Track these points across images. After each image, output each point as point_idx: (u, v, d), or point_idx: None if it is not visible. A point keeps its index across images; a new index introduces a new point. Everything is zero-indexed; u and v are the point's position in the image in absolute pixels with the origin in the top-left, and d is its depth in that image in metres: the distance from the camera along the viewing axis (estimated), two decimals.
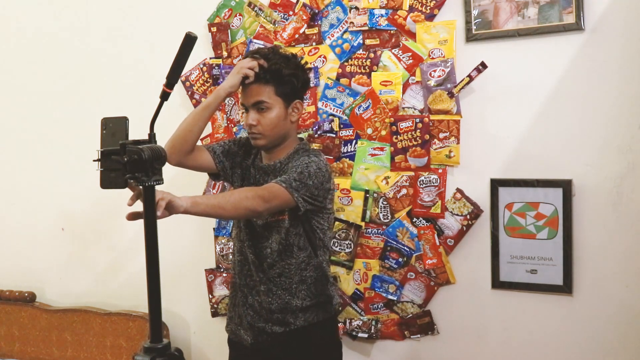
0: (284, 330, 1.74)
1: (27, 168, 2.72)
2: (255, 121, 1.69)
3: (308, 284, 1.75)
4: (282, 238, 1.71)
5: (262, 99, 1.68)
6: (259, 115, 1.69)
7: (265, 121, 1.69)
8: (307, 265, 1.75)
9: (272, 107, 1.69)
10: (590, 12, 1.79)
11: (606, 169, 1.82)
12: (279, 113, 1.70)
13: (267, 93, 1.68)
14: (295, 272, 1.73)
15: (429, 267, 2.03)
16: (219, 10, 2.28)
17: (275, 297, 1.74)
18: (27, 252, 2.76)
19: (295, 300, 1.73)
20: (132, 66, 2.46)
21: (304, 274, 1.74)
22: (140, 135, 1.34)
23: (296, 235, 1.72)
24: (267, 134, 1.70)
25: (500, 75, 1.91)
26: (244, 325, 1.80)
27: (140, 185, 1.23)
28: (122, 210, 2.57)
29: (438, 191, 1.99)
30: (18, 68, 2.71)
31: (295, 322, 1.74)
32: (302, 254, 1.73)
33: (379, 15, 2.03)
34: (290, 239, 1.71)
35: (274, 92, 1.69)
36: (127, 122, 1.30)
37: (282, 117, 1.71)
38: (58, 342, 2.58)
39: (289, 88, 1.70)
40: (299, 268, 1.74)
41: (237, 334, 1.84)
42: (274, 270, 1.73)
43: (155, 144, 1.27)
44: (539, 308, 1.93)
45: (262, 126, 1.69)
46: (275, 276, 1.74)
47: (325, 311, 1.79)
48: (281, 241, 1.71)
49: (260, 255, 1.75)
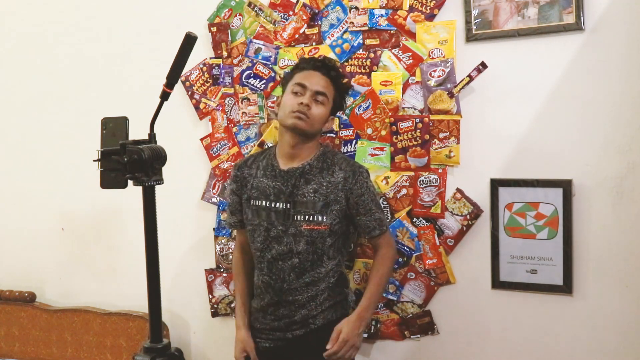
0: (304, 332, 1.78)
1: (27, 168, 2.72)
2: (310, 104, 1.76)
3: (331, 287, 1.80)
4: (318, 247, 1.75)
5: (325, 92, 1.79)
6: (314, 103, 1.77)
7: (316, 111, 1.77)
8: (335, 273, 1.81)
9: (325, 105, 1.80)
10: (590, 12, 1.79)
11: (606, 169, 1.82)
12: (325, 113, 1.81)
13: (330, 90, 1.81)
14: (323, 280, 1.78)
15: (429, 267, 2.03)
16: (219, 10, 2.28)
17: (300, 306, 1.78)
18: (27, 252, 2.76)
19: (316, 305, 1.78)
20: (132, 66, 2.46)
21: (330, 281, 1.80)
22: (140, 135, 1.34)
23: (330, 246, 1.77)
24: (311, 122, 1.76)
25: (500, 75, 1.91)
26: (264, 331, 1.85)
27: (140, 185, 1.23)
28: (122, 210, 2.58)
29: (438, 191, 1.99)
30: (18, 68, 2.71)
31: (315, 322, 1.79)
32: (331, 263, 1.79)
33: (379, 15, 2.03)
34: (325, 248, 1.77)
35: (333, 95, 1.83)
36: (127, 122, 1.30)
37: (324, 118, 1.82)
38: (58, 342, 2.58)
39: (340, 101, 1.88)
40: (327, 276, 1.79)
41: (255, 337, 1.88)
42: (302, 279, 1.77)
43: (155, 144, 1.27)
44: (539, 308, 1.93)
45: (312, 112, 1.76)
46: (303, 285, 1.77)
47: (343, 308, 1.85)
48: (316, 251, 1.75)
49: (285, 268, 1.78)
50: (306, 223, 1.74)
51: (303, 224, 1.74)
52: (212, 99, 2.30)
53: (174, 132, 2.12)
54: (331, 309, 1.81)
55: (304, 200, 1.76)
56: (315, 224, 1.74)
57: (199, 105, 2.33)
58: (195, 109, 2.33)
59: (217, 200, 2.31)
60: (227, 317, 2.37)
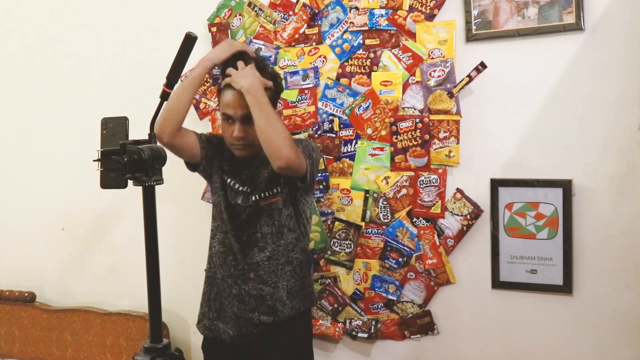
0: (272, 320, 1.74)
1: (28, 168, 2.72)
2: (243, 133, 1.66)
3: (294, 265, 1.77)
4: (276, 220, 1.73)
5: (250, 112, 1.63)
6: (246, 126, 1.66)
7: (253, 132, 1.64)
8: (295, 247, 1.77)
9: None
10: (590, 12, 1.79)
11: (606, 169, 1.82)
12: None
13: None
14: (282, 253, 1.75)
15: (429, 267, 2.03)
16: (219, 10, 2.28)
17: (264, 283, 1.74)
18: (27, 252, 2.76)
19: (282, 282, 1.75)
20: (132, 66, 2.46)
21: (290, 255, 1.77)
22: (140, 135, 1.34)
23: (288, 216, 1.75)
24: (253, 144, 1.68)
25: (500, 75, 1.91)
26: (224, 319, 1.79)
27: (140, 185, 1.23)
28: (122, 210, 2.57)
29: (438, 191, 1.99)
30: (18, 68, 2.71)
31: (283, 311, 1.75)
32: (291, 235, 1.76)
33: (379, 15, 2.03)
34: (282, 220, 1.74)
35: None
36: (127, 122, 1.30)
37: None
38: (58, 342, 2.58)
39: (270, 95, 1.68)
40: (287, 249, 1.76)
41: (213, 329, 1.82)
42: (263, 253, 1.74)
43: (155, 144, 1.27)
44: (539, 308, 1.93)
45: (250, 137, 1.67)
46: (264, 259, 1.74)
47: (310, 300, 1.84)
48: (274, 223, 1.74)
49: (249, 242, 1.76)
50: (262, 199, 1.73)
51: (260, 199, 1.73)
52: (212, 99, 2.30)
53: None
54: (299, 298, 1.77)
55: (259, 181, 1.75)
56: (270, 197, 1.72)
57: (199, 105, 2.33)
58: (195, 109, 2.33)
59: None
60: None
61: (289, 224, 1.75)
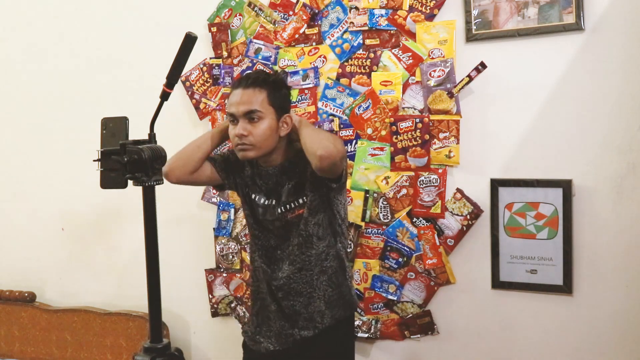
0: (313, 333, 1.69)
1: (28, 168, 2.72)
2: (246, 131, 1.57)
3: (329, 275, 1.69)
4: (302, 230, 1.64)
5: (254, 108, 1.56)
6: (250, 125, 1.57)
7: (257, 131, 1.57)
8: (327, 255, 1.68)
9: (265, 117, 1.57)
10: (590, 12, 1.79)
11: (606, 169, 1.82)
12: (271, 124, 1.58)
13: (260, 101, 1.57)
14: (315, 264, 1.66)
15: (429, 267, 2.03)
16: (219, 10, 2.28)
17: (299, 294, 1.68)
18: (27, 252, 2.76)
19: (317, 292, 1.68)
20: (132, 66, 2.46)
21: (324, 265, 1.68)
22: (140, 135, 1.34)
23: (315, 225, 1.65)
24: (258, 145, 1.58)
25: (500, 75, 1.91)
26: (266, 333, 1.74)
27: (140, 185, 1.23)
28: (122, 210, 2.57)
29: (438, 191, 1.99)
30: (18, 68, 2.71)
31: (322, 321, 1.69)
32: (321, 244, 1.66)
33: (379, 15, 2.03)
34: (309, 229, 1.64)
35: (267, 100, 1.58)
36: (127, 122, 1.30)
37: (274, 129, 1.59)
38: (58, 342, 2.58)
39: (281, 99, 1.60)
40: (319, 259, 1.67)
41: (255, 340, 1.77)
42: (294, 266, 1.68)
43: (155, 144, 1.27)
44: (539, 308, 1.93)
45: (253, 137, 1.57)
46: (295, 272, 1.67)
47: (351, 307, 1.76)
48: (301, 233, 1.65)
49: (283, 256, 1.70)
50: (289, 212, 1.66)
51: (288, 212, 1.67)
52: (212, 99, 2.30)
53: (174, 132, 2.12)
54: (338, 306, 1.70)
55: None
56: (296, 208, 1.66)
57: (199, 105, 2.33)
58: (195, 109, 2.33)
59: (217, 200, 2.31)
60: (227, 317, 2.37)
61: (317, 233, 1.66)
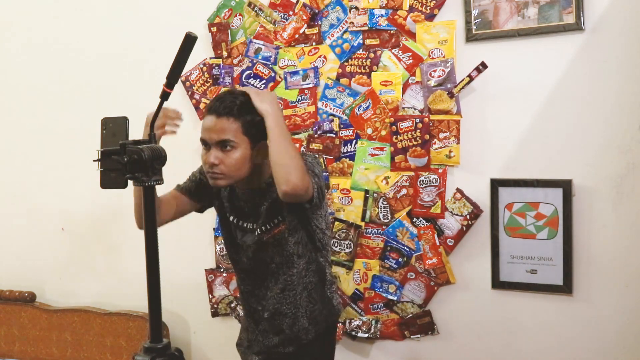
0: (296, 349, 1.70)
1: (28, 168, 2.72)
2: (217, 160, 1.52)
3: (309, 290, 1.69)
4: (283, 249, 1.63)
5: (227, 138, 1.50)
6: (222, 153, 1.52)
7: (230, 161, 1.52)
8: (307, 272, 1.68)
9: (238, 147, 1.52)
10: (590, 12, 1.79)
11: (606, 169, 1.82)
12: (244, 153, 1.53)
13: (233, 131, 1.51)
14: (298, 282, 1.66)
15: (429, 267, 2.03)
16: (219, 10, 2.28)
17: (283, 315, 1.68)
18: (27, 252, 2.76)
19: (301, 311, 1.68)
20: (132, 66, 2.46)
21: (305, 281, 1.67)
22: (140, 135, 1.34)
23: (295, 243, 1.64)
24: (230, 174, 1.54)
25: (500, 75, 1.91)
26: (255, 349, 1.77)
27: (140, 185, 1.23)
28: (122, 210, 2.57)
29: (438, 191, 1.99)
30: (18, 69, 2.71)
31: (307, 337, 1.69)
32: (302, 262, 1.66)
33: (379, 15, 2.03)
34: (289, 248, 1.63)
35: (241, 130, 1.51)
36: (127, 122, 1.30)
37: (247, 158, 1.54)
38: (58, 342, 2.57)
39: (256, 127, 1.51)
40: (300, 277, 1.66)
41: (245, 355, 1.81)
42: (277, 286, 1.67)
43: (155, 144, 1.27)
44: (539, 308, 1.93)
45: (225, 166, 1.52)
46: (278, 292, 1.67)
47: (333, 314, 1.76)
48: (282, 253, 1.63)
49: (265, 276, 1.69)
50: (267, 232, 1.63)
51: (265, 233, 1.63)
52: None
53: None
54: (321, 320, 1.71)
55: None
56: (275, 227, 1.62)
57: (199, 105, 2.33)
58: (195, 109, 2.33)
59: None
60: (227, 317, 2.37)
61: (297, 251, 1.65)
